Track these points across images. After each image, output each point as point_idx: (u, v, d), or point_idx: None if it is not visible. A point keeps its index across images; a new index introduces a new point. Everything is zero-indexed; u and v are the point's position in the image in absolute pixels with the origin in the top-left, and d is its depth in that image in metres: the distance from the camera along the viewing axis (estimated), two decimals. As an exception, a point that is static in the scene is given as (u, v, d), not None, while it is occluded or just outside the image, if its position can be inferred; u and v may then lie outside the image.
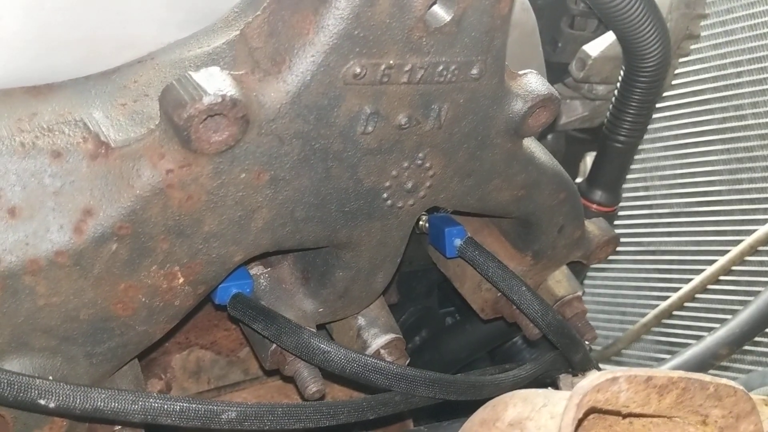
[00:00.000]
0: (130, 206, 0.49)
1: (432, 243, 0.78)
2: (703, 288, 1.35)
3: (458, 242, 0.75)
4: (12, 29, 0.52)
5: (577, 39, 0.98)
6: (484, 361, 1.12)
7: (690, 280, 1.36)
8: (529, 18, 0.79)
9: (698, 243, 1.42)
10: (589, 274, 1.50)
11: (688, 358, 0.85)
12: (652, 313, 1.36)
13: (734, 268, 1.29)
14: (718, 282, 1.35)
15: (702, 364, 0.85)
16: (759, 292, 0.92)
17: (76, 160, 0.48)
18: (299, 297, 0.68)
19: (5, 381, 0.47)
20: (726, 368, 1.30)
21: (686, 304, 1.40)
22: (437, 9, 0.52)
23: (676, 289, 1.40)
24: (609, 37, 0.94)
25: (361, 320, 0.73)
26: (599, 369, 0.82)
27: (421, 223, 0.77)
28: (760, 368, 1.41)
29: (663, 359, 1.56)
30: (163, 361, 0.84)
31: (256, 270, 0.67)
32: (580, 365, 0.78)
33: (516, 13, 0.63)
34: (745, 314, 0.85)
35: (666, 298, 1.39)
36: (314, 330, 0.66)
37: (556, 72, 1.01)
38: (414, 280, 1.00)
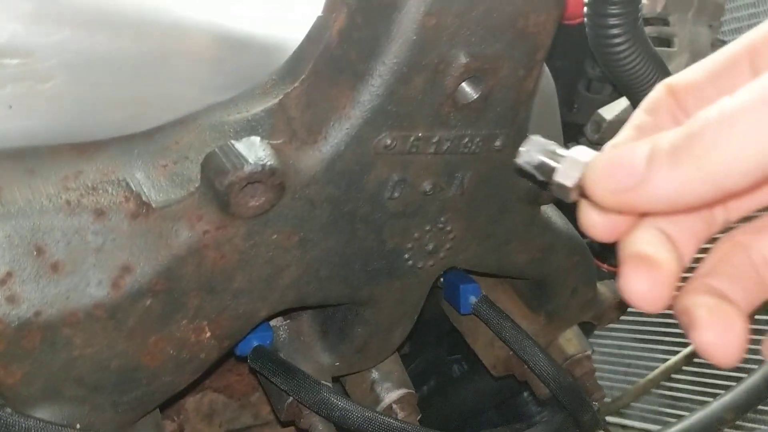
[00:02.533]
0: (167, 264, 0.51)
1: (447, 298, 0.79)
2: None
3: (473, 299, 0.76)
4: (62, 88, 0.55)
5: (592, 102, 1.01)
6: (490, 411, 1.13)
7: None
8: (549, 84, 0.82)
9: None
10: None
11: (693, 423, 0.85)
12: (660, 368, 1.36)
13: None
14: None
15: (708, 429, 0.86)
16: None
17: (118, 219, 0.51)
18: (317, 350, 0.69)
19: (38, 429, 0.49)
20: (737, 427, 1.30)
21: (696, 359, 1.40)
22: (466, 86, 0.54)
23: (684, 344, 1.41)
24: (623, 102, 0.97)
25: (375, 374, 0.74)
26: (607, 430, 0.83)
27: (436, 278, 0.79)
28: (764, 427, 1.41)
29: (669, 413, 1.56)
30: (177, 403, 0.85)
31: (276, 322, 0.69)
32: (588, 426, 0.79)
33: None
34: (752, 380, 0.86)
35: (674, 353, 1.39)
36: (330, 383, 0.68)
37: (571, 131, 1.03)
38: (424, 330, 1.02)
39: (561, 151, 0.39)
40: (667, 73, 0.88)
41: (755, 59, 0.38)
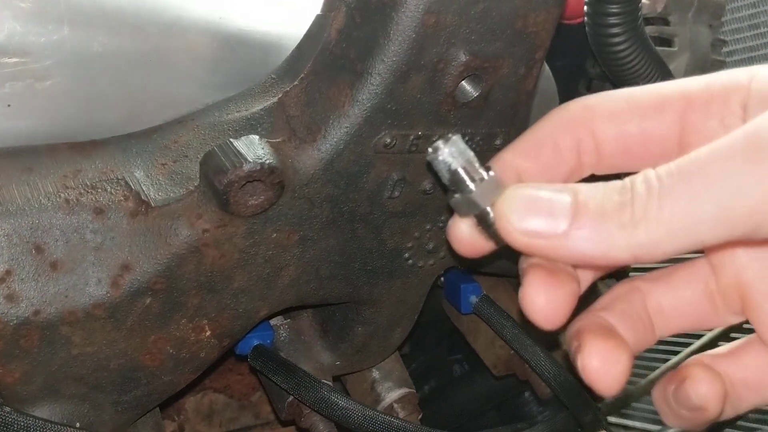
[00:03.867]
0: (166, 263, 0.51)
1: (447, 298, 0.79)
2: (713, 343, 1.35)
3: (474, 299, 0.76)
4: (61, 87, 0.55)
5: (593, 101, 1.00)
6: (491, 411, 1.12)
7: (701, 335, 1.36)
8: (549, 84, 0.82)
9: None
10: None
11: (696, 422, 0.85)
12: (661, 368, 1.36)
13: (746, 325, 1.29)
14: (728, 338, 1.35)
15: (709, 428, 0.86)
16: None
17: (117, 218, 0.50)
18: (317, 349, 0.69)
19: (37, 428, 0.48)
20: (737, 427, 1.30)
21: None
22: (465, 85, 0.54)
23: (686, 344, 1.41)
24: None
25: (375, 373, 0.74)
26: (608, 429, 0.83)
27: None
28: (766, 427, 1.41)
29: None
30: (177, 403, 0.85)
31: (276, 321, 0.69)
32: (589, 426, 0.79)
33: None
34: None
35: (676, 352, 1.39)
36: (330, 382, 0.68)
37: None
38: (425, 331, 1.02)
39: (479, 167, 0.37)
40: (667, 73, 0.88)
41: (687, 113, 0.39)
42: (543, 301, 0.36)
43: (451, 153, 0.37)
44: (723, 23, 1.15)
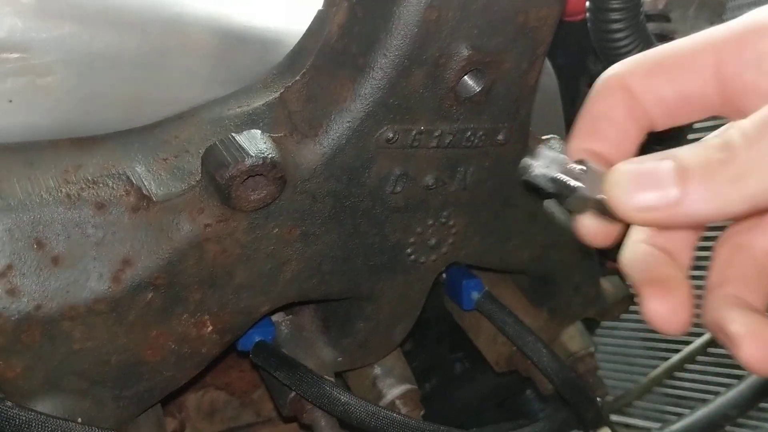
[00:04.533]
0: (168, 258, 0.51)
1: (449, 294, 0.79)
2: (715, 341, 1.35)
3: (476, 295, 0.76)
4: (62, 83, 0.55)
5: (595, 98, 1.00)
6: (493, 408, 1.12)
7: (702, 333, 1.36)
8: (551, 81, 0.82)
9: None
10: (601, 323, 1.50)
11: (697, 420, 0.85)
12: (663, 366, 1.36)
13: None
14: (717, 344, 1.35)
15: (711, 426, 0.86)
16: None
17: (118, 212, 0.50)
18: (319, 345, 0.69)
19: (39, 422, 0.48)
20: (739, 425, 1.30)
21: (698, 358, 1.40)
22: (468, 80, 0.54)
23: (687, 342, 1.40)
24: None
25: (377, 369, 0.74)
26: (611, 426, 0.83)
27: (439, 274, 0.78)
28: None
29: (673, 412, 1.55)
30: (178, 400, 0.85)
31: (277, 317, 0.69)
32: (591, 423, 0.79)
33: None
34: (755, 377, 0.86)
35: (677, 350, 1.39)
36: (333, 378, 0.67)
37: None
38: (427, 328, 1.02)
39: (573, 165, 0.38)
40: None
41: (721, 67, 0.38)
42: (666, 311, 0.38)
43: (543, 164, 0.39)
44: (724, 20, 1.15)
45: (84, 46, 0.55)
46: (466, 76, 0.53)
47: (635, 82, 0.40)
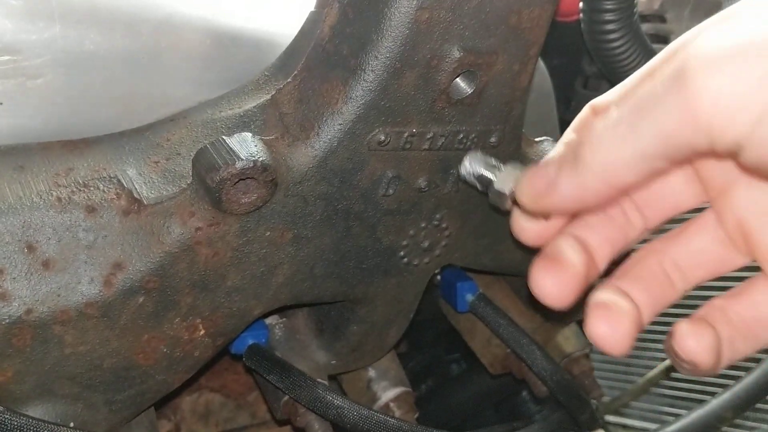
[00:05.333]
0: (159, 261, 0.51)
1: (443, 297, 0.79)
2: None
3: (470, 297, 0.76)
4: (53, 86, 0.55)
5: (589, 99, 1.00)
6: (488, 410, 1.12)
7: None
8: (546, 82, 0.82)
9: (706, 297, 1.42)
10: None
11: (693, 421, 0.85)
12: (660, 366, 1.36)
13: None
14: None
15: (707, 427, 0.85)
16: None
17: (109, 216, 0.50)
18: (313, 348, 0.69)
19: (31, 427, 0.48)
20: (736, 425, 1.29)
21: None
22: (460, 82, 0.54)
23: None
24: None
25: (371, 372, 0.74)
26: (605, 427, 0.83)
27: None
28: (764, 426, 1.40)
29: (670, 413, 1.55)
30: (173, 402, 0.85)
31: (271, 320, 0.69)
32: (586, 425, 0.79)
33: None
34: (751, 378, 0.86)
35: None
36: (326, 381, 0.67)
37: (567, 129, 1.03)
38: (422, 330, 1.02)
39: (498, 164, 0.48)
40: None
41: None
42: (551, 283, 0.42)
43: (471, 162, 0.49)
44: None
45: (74, 47, 0.55)
46: (458, 78, 0.53)
47: (602, 107, 0.45)
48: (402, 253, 0.62)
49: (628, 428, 1.56)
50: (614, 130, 0.38)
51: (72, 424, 0.53)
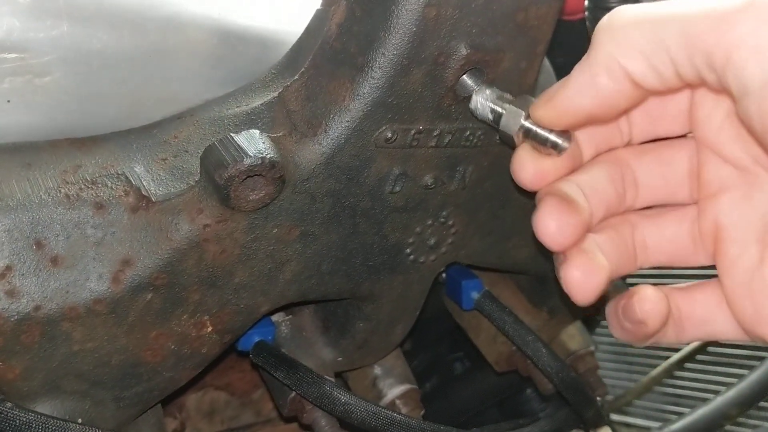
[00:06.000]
0: (167, 258, 0.51)
1: (449, 294, 0.79)
2: (702, 350, 1.35)
3: (475, 295, 0.76)
4: (61, 84, 0.55)
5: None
6: (493, 408, 1.12)
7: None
8: (550, 80, 0.82)
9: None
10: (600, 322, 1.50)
11: (697, 419, 0.85)
12: (663, 365, 1.36)
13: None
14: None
15: (711, 425, 0.86)
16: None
17: (117, 213, 0.50)
18: (319, 345, 0.69)
19: (39, 423, 0.48)
20: (739, 423, 1.29)
21: (698, 357, 1.40)
22: (466, 79, 0.54)
23: (687, 342, 1.40)
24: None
25: (377, 369, 0.74)
26: (611, 425, 0.83)
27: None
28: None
29: (673, 411, 1.55)
30: (178, 400, 0.85)
31: (277, 317, 0.69)
32: (591, 422, 0.79)
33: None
34: (755, 376, 0.86)
35: (677, 350, 1.39)
36: (333, 378, 0.67)
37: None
38: (426, 328, 1.01)
39: (507, 95, 0.51)
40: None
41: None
42: (554, 225, 0.43)
43: (484, 98, 0.52)
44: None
45: (82, 45, 0.55)
46: (464, 75, 0.53)
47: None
48: (408, 251, 0.62)
49: (632, 427, 1.56)
50: (636, 23, 0.40)
51: (80, 421, 0.53)
